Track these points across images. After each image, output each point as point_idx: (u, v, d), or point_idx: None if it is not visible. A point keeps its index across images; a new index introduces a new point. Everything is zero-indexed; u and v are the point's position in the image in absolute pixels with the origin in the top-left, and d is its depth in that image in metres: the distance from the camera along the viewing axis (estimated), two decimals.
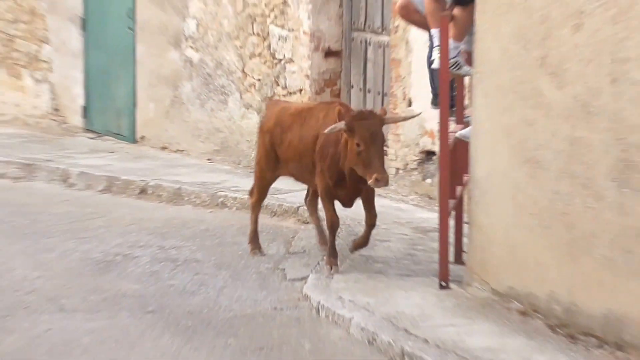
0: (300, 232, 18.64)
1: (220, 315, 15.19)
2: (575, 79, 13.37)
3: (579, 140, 13.54)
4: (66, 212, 20.22)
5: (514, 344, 13.82)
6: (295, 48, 20.90)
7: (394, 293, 15.44)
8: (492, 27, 14.71)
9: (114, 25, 24.08)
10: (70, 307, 15.36)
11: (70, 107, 24.95)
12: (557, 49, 13.74)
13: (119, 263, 17.27)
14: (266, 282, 16.45)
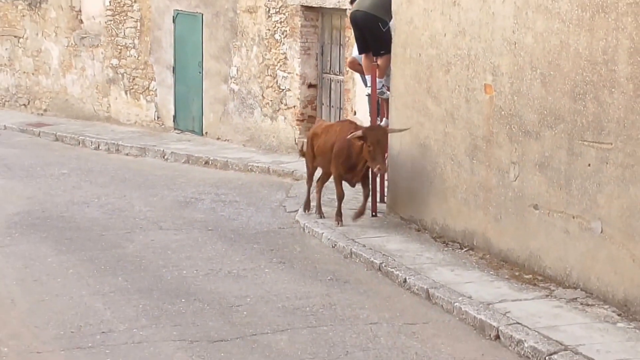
0: (294, 185, 19.12)
1: (249, 231, 15.91)
2: (446, 100, 14.55)
3: (449, 134, 14.38)
4: (163, 174, 20.64)
5: (413, 247, 14.41)
6: (292, 83, 21.15)
7: (346, 219, 15.81)
8: (400, 71, 15.57)
9: (190, 70, 24.04)
10: (165, 227, 16.13)
11: (166, 116, 24.96)
12: (436, 83, 14.76)
13: (192, 202, 17.93)
14: (275, 213, 17.13)
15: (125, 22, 25.99)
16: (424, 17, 14.59)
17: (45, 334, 11.07)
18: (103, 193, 18.57)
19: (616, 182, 11.31)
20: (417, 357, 10.41)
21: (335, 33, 21.21)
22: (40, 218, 16.54)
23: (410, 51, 14.99)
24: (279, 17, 21.75)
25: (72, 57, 27.81)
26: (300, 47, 21.49)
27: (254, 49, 22.51)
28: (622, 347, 10.21)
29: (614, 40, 11.22)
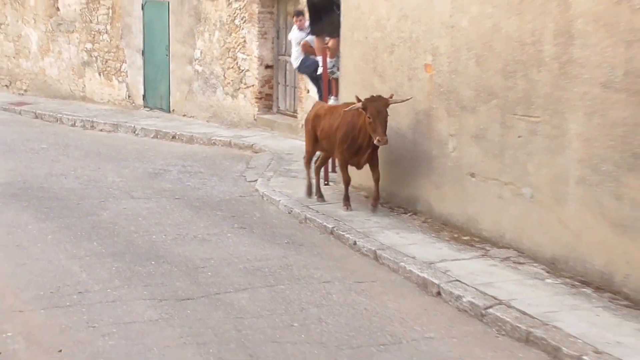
0: (254, 157, 19.11)
1: (213, 199, 15.85)
2: (390, 79, 14.61)
3: (393, 109, 13.97)
4: (134, 148, 20.54)
5: (361, 212, 14.38)
6: (250, 64, 21.20)
7: (301, 188, 15.94)
8: (348, 52, 15.57)
9: (158, 53, 24.01)
10: (136, 196, 16.01)
11: (136, 95, 24.94)
12: (381, 63, 14.77)
13: (161, 174, 17.85)
14: (237, 183, 17.10)
15: (98, 10, 25.86)
16: (370, 3, 14.59)
17: (27, 294, 11.01)
18: (79, 166, 18.47)
19: (544, 152, 11.40)
20: (366, 312, 10.43)
21: (290, 19, 20.94)
22: (22, 189, 16.42)
23: (357, 34, 14.97)
24: (239, 4, 21.66)
25: (50, 41, 27.70)
26: (258, 32, 21.41)
27: (215, 34, 22.41)
28: (550, 300, 10.29)
29: (540, 23, 11.29)
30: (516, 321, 9.73)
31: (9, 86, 28.91)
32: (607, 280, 10.52)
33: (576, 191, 10.92)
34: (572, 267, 11.02)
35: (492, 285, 10.77)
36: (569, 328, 9.47)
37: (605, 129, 10.43)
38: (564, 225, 11.14)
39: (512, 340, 9.61)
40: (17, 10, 28.53)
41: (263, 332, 9.85)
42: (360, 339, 9.69)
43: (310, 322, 10.14)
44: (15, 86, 28.73)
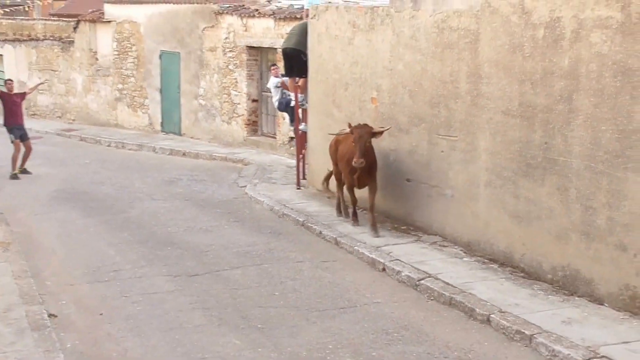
0: (244, 168, 18.72)
1: (214, 200, 15.71)
2: (346, 109, 14.42)
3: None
4: (154, 163, 20.12)
5: (325, 209, 14.22)
6: (241, 99, 21.19)
7: (279, 191, 15.85)
8: (314, 89, 15.44)
9: (172, 91, 23.78)
10: (156, 198, 15.89)
11: (156, 123, 24.56)
12: (338, 97, 14.65)
13: (174, 181, 17.62)
14: (231, 188, 16.85)
15: (127, 59, 25.61)
16: (330, 52, 14.46)
17: (76, 272, 11.07)
18: (113, 175, 18.28)
19: (461, 163, 11.35)
20: (329, 284, 10.42)
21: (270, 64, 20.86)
22: (71, 193, 16.35)
23: (320, 76, 14.83)
24: (232, 54, 21.49)
25: (91, 83, 27.41)
26: (246, 74, 21.18)
27: (214, 76, 22.23)
28: (467, 274, 10.30)
29: (457, 67, 11.26)
30: (442, 289, 9.76)
31: (61, 117, 28.62)
32: (508, 258, 10.52)
33: (485, 191, 10.90)
34: (483, 248, 11.01)
35: (424, 263, 10.76)
36: (481, 294, 9.51)
37: (505, 145, 10.43)
38: (476, 217, 11.12)
39: (439, 303, 9.62)
40: (67, 60, 28.21)
41: (252, 299, 9.86)
42: (325, 303, 9.71)
43: (288, 292, 10.14)
44: (65, 117, 28.40)
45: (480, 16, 10.71)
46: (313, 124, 15.40)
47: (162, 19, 24.25)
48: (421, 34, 11.98)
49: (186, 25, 23.19)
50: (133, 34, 25.31)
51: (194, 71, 23.02)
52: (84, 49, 27.53)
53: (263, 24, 20.44)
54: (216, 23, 22.02)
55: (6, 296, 9.74)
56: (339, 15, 14.17)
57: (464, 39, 11.06)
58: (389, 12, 12.76)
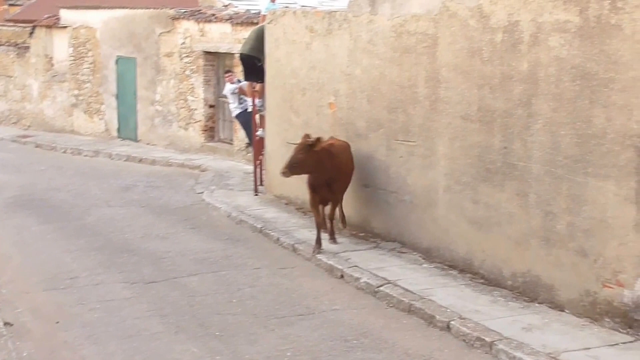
0: (201, 175, 18.32)
1: (171, 206, 15.47)
2: (303, 114, 14.34)
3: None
4: (111, 169, 19.66)
5: (283, 216, 14.08)
6: (198, 104, 20.92)
7: (237, 197, 15.61)
8: (272, 94, 15.26)
9: (128, 97, 23.45)
10: (113, 205, 15.62)
11: (112, 129, 24.23)
12: (296, 103, 14.54)
13: (131, 188, 17.27)
14: (188, 194, 16.51)
15: (83, 65, 25.26)
16: (287, 57, 14.29)
17: (32, 280, 10.90)
18: (70, 182, 17.92)
19: (419, 168, 11.24)
20: (287, 291, 10.29)
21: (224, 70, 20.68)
22: (27, 200, 16.07)
23: (278, 81, 14.65)
24: (188, 59, 21.24)
25: (47, 89, 27.04)
26: (203, 80, 20.93)
27: (171, 82, 21.95)
28: (426, 280, 10.19)
29: (415, 71, 11.16)
30: (401, 296, 9.64)
31: (16, 123, 28.19)
32: (468, 264, 10.41)
33: (444, 197, 10.79)
34: (442, 255, 10.89)
35: (383, 269, 10.64)
36: (441, 301, 9.40)
37: (464, 150, 10.33)
38: (435, 223, 10.99)
39: (398, 310, 9.51)
40: (22, 66, 27.81)
41: (209, 307, 9.71)
42: (284, 310, 9.57)
43: (246, 299, 9.99)
44: (21, 123, 27.96)
45: (439, 20, 10.62)
46: (270, 130, 15.18)
47: (118, 24, 23.91)
48: (379, 39, 11.86)
49: (142, 30, 22.88)
50: (89, 39, 24.96)
51: (150, 77, 22.72)
52: (40, 55, 27.16)
53: (220, 29, 20.21)
54: (172, 28, 21.75)
55: None
56: (297, 20, 14.02)
57: (422, 44, 10.96)
58: (347, 16, 12.64)
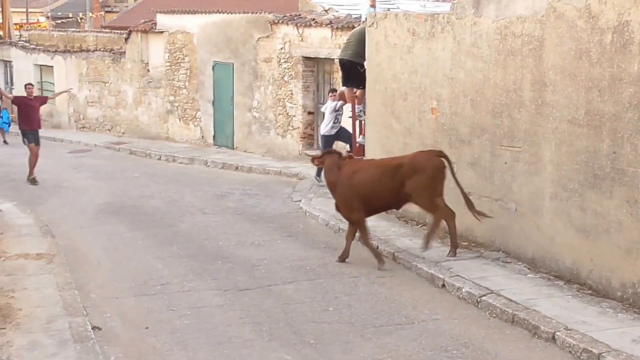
0: (298, 183, 18.72)
1: (266, 215, 15.80)
2: (405, 119, 14.46)
3: (407, 144, 14.14)
4: (206, 177, 20.26)
5: (383, 224, 13.96)
6: (296, 111, 21.34)
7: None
8: (372, 100, 15.42)
9: (225, 103, 24.06)
10: (207, 212, 16.07)
11: (208, 136, 24.86)
12: (397, 107, 14.69)
13: (226, 195, 17.70)
14: (285, 202, 16.89)
15: (179, 70, 25.95)
16: (388, 61, 14.53)
17: (122, 285, 11.26)
18: (163, 189, 18.51)
19: (525, 175, 11.34)
20: (385, 299, 10.47)
21: (326, 76, 21.12)
22: (119, 207, 16.61)
23: (379, 86, 14.88)
24: (287, 65, 21.68)
25: (142, 95, 27.84)
26: (302, 86, 21.39)
27: (269, 88, 22.43)
28: (531, 290, 10.28)
29: (520, 74, 11.28)
30: (504, 306, 9.75)
31: (111, 130, 29.09)
32: (575, 274, 10.46)
33: (550, 205, 10.87)
34: (548, 264, 10.96)
35: (486, 279, 10.75)
36: (546, 311, 9.49)
37: (571, 156, 10.41)
38: (540, 232, 11.08)
39: (501, 321, 9.60)
40: (117, 71, 28.70)
41: (305, 315, 9.93)
42: (381, 320, 9.74)
43: (342, 307, 10.19)
44: (115, 130, 28.87)
45: (545, 21, 10.74)
46: (371, 136, 15.44)
47: (215, 29, 24.60)
48: (483, 41, 12.03)
49: (240, 35, 23.50)
50: (186, 44, 25.70)
51: (247, 82, 23.26)
52: (135, 60, 28.01)
53: (320, 33, 20.63)
54: (271, 33, 22.26)
55: (49, 307, 9.97)
56: (398, 23, 14.25)
57: (527, 46, 11.09)
58: (450, 19, 12.84)
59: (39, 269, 11.70)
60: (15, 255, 12.41)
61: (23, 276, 11.29)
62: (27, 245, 13.12)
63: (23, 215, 15.71)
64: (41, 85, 32.57)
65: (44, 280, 11.12)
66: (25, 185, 19.44)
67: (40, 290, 10.65)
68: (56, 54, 31.52)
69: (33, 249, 12.78)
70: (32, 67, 32.72)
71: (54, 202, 17.34)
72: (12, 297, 10.28)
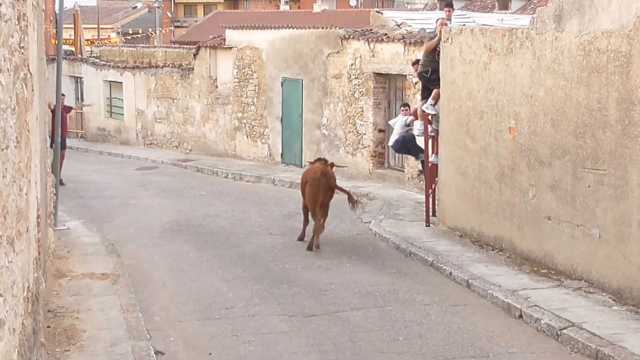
0: (368, 203, 18.24)
1: (335, 236, 15.49)
2: (480, 139, 14.10)
3: (482, 164, 13.95)
4: (273, 195, 20.17)
5: (456, 248, 13.90)
6: (367, 129, 21.08)
7: (406, 228, 15.55)
8: (446, 118, 15.17)
9: (293, 120, 23.98)
10: (274, 233, 15.93)
11: (276, 153, 24.86)
12: (472, 127, 14.39)
13: (293, 215, 17.25)
14: (354, 223, 16.58)
15: (247, 87, 25.99)
16: (463, 78, 14.21)
17: (186, 308, 11.18)
18: (229, 208, 18.41)
19: (610, 199, 10.90)
20: (459, 330, 10.16)
21: (398, 92, 20.81)
22: (185, 225, 16.58)
23: (453, 103, 14.56)
24: (357, 81, 21.49)
25: (210, 112, 27.95)
26: (373, 103, 21.15)
27: (339, 105, 22.26)
28: (616, 324, 9.82)
29: (605, 92, 10.88)
30: (587, 340, 9.35)
31: (178, 147, 29.26)
32: None
33: (638, 231, 10.40)
34: (636, 296, 10.47)
35: (566, 310, 10.34)
36: (633, 348, 9.05)
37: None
38: (627, 261, 10.60)
39: (584, 356, 9.22)
40: (185, 87, 28.87)
41: (373, 344, 9.69)
42: (454, 351, 9.45)
43: (413, 337, 9.91)
44: (182, 147, 29.03)
45: (633, 36, 10.33)
46: (444, 156, 15.12)
47: (284, 45, 24.54)
48: (565, 57, 11.65)
49: (310, 50, 23.38)
50: (254, 60, 25.69)
51: (317, 99, 23.12)
52: (204, 76, 28.14)
53: (392, 49, 20.34)
54: (341, 48, 22.07)
55: (113, 330, 9.90)
56: (474, 38, 13.95)
57: (613, 62, 10.68)
58: (529, 34, 12.49)
59: (104, 289, 11.68)
60: (81, 274, 12.42)
61: (88, 296, 11.27)
62: (93, 264, 13.13)
63: (89, 233, 15.75)
64: (110, 102, 33.11)
65: (108, 301, 11.09)
66: (93, 202, 19.53)
67: (105, 311, 10.62)
68: (125, 70, 31.90)
69: (98, 269, 12.79)
70: (102, 83, 33.21)
71: (121, 220, 17.39)
72: (77, 318, 10.26)
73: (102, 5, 75.89)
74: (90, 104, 28.58)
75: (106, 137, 33.28)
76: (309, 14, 56.09)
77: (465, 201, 14.43)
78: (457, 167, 14.53)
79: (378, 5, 67.51)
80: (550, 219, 12.07)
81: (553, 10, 11.91)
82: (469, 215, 14.35)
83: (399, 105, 19.87)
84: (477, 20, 21.44)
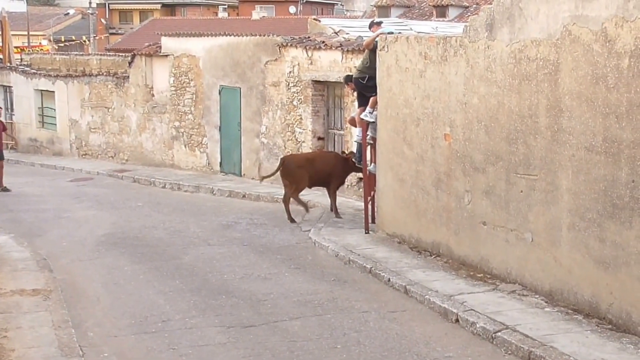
0: (308, 212, 18.21)
1: (274, 245, 15.76)
2: (417, 146, 14.46)
3: (419, 171, 14.31)
4: (212, 205, 20.39)
5: (395, 255, 14.23)
6: (306, 137, 21.44)
7: (346, 235, 15.83)
8: (383, 125, 15.55)
9: (232, 128, 24.16)
10: (212, 243, 16.03)
11: (214, 163, 25.01)
12: (409, 134, 14.74)
13: (233, 225, 17.69)
14: (293, 232, 16.84)
15: (185, 95, 26.14)
16: (400, 86, 14.59)
17: (121, 322, 11.20)
18: (167, 219, 18.55)
19: (541, 204, 11.33)
20: (397, 336, 10.43)
21: (337, 100, 21.21)
22: (121, 238, 16.62)
23: (390, 111, 14.95)
24: (296, 89, 21.79)
25: (146, 121, 28.03)
26: (311, 110, 21.49)
27: (278, 113, 22.54)
28: (548, 325, 10.21)
29: (535, 100, 11.30)
30: (520, 342, 9.70)
31: (114, 157, 29.29)
32: (594, 308, 10.42)
33: (567, 235, 10.85)
34: (566, 298, 10.92)
35: (501, 314, 10.70)
36: (564, 348, 9.42)
37: (589, 184, 10.39)
38: (558, 263, 11.05)
39: (517, 358, 9.55)
40: (121, 96, 28.95)
41: (312, 353, 9.90)
42: (391, 358, 9.71)
43: (351, 345, 10.15)
44: (118, 157, 29.07)
45: (560, 45, 10.76)
46: (382, 163, 15.50)
47: (222, 53, 24.80)
48: (497, 65, 12.08)
49: (247, 58, 23.68)
50: (191, 68, 25.91)
51: (255, 107, 23.39)
52: (139, 85, 28.24)
53: (330, 56, 20.73)
54: (279, 56, 22.40)
55: (44, 348, 9.92)
56: (410, 46, 14.34)
57: (542, 70, 11.12)
58: (463, 42, 12.90)
59: (34, 306, 11.68)
60: (10, 291, 12.39)
61: (17, 314, 11.26)
62: (23, 280, 13.11)
63: (20, 248, 15.71)
64: (42, 112, 32.97)
65: (39, 318, 11.08)
66: (24, 216, 19.52)
67: (35, 329, 10.62)
68: (57, 78, 31.82)
69: (29, 285, 12.79)
70: (33, 93, 33.10)
71: (54, 233, 17.37)
72: (5, 337, 10.25)
73: (33, 11, 75.21)
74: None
75: (38, 148, 33.23)
76: (248, 20, 56.36)
77: (403, 208, 14.81)
78: (395, 174, 14.90)
79: (317, 13, 67.88)
80: (486, 224, 12.50)
81: (485, 19, 12.34)
82: (407, 221, 14.73)
83: (337, 113, 20.29)
84: (414, 28, 21.95)
